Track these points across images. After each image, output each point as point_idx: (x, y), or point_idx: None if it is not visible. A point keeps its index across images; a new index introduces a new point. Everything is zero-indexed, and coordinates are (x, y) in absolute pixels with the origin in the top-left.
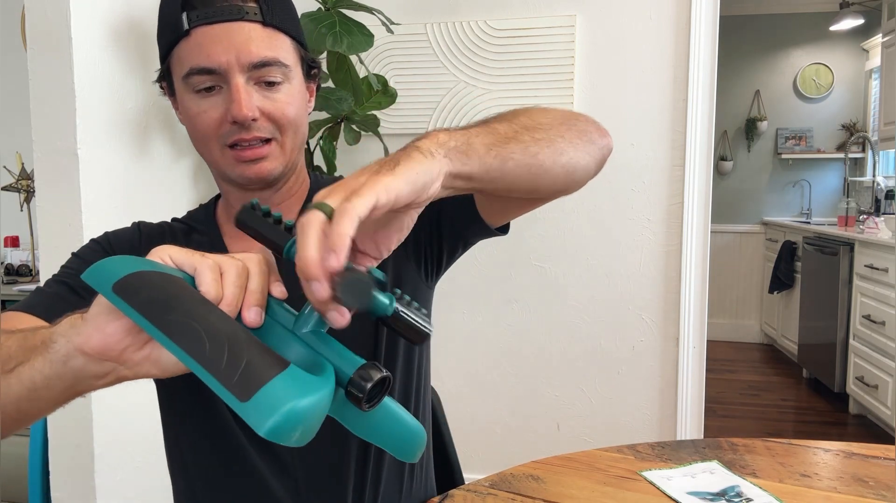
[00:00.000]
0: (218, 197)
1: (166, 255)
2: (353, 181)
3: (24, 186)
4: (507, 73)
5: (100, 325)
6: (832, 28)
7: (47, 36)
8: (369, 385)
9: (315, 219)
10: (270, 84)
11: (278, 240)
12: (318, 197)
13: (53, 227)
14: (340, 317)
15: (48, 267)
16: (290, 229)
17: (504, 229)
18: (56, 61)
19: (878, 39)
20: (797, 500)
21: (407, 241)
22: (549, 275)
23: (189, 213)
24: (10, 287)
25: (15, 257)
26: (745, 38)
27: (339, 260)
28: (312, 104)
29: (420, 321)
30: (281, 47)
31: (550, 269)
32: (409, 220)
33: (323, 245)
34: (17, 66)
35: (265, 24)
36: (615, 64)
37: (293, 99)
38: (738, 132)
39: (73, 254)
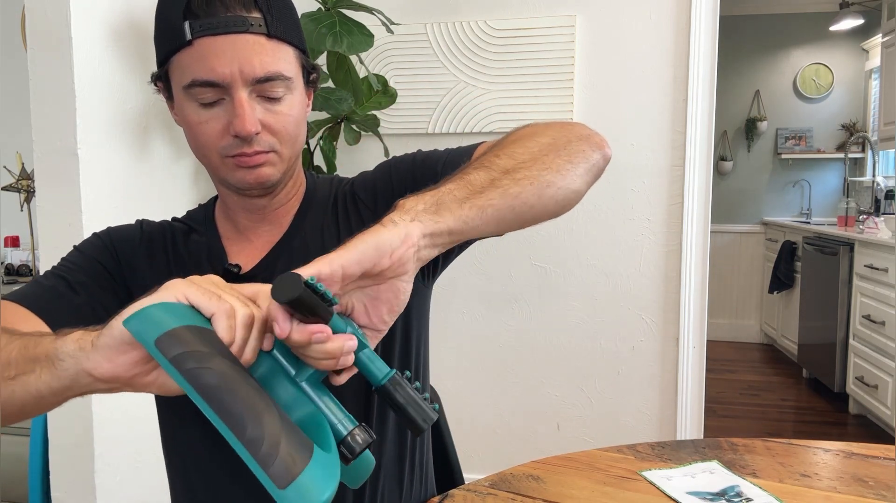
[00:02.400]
0: (216, 198)
1: (182, 295)
2: None
3: (24, 186)
4: (507, 73)
5: (110, 356)
6: (832, 28)
7: (47, 36)
8: (359, 449)
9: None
10: (273, 98)
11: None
12: None
13: (53, 227)
14: (337, 374)
15: (48, 267)
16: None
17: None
18: (56, 61)
19: (877, 39)
20: (797, 500)
21: None
22: (550, 276)
23: (188, 212)
24: (10, 287)
25: (15, 257)
26: (745, 38)
27: (259, 309)
28: (310, 108)
29: (415, 409)
30: (284, 59)
31: (550, 269)
32: (396, 292)
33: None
34: (17, 66)
35: (269, 35)
36: (615, 64)
37: (294, 111)
38: (738, 132)
39: (74, 247)
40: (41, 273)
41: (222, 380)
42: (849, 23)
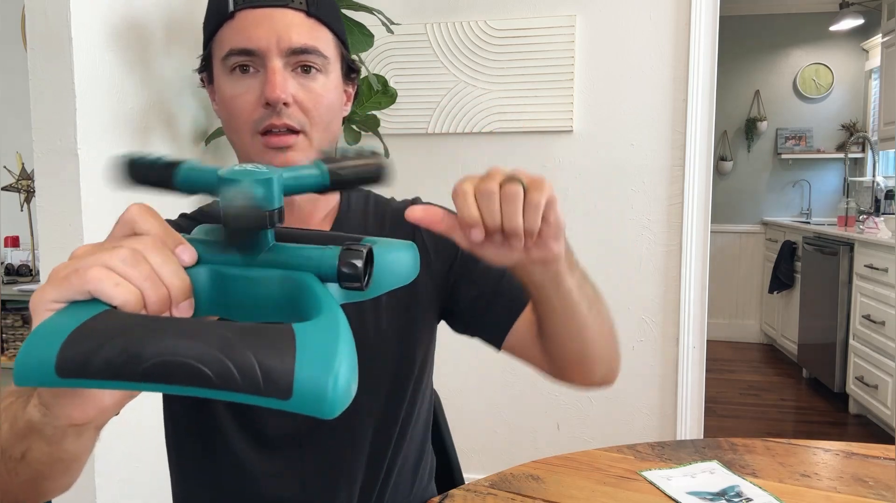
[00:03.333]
0: None
1: (48, 303)
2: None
3: (24, 186)
4: (507, 73)
5: (70, 402)
6: (832, 28)
7: (47, 36)
8: (360, 269)
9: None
10: (307, 70)
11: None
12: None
13: (53, 227)
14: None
15: (48, 267)
16: (175, 164)
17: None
18: (56, 61)
19: (877, 39)
20: (797, 500)
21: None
22: None
23: (200, 208)
24: (10, 287)
25: (15, 257)
26: (745, 38)
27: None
28: (349, 108)
29: (362, 170)
30: (322, 38)
31: None
32: (501, 256)
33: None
34: (17, 66)
35: (309, 14)
36: (615, 64)
37: (328, 92)
38: (738, 132)
39: None
40: (41, 274)
41: (144, 346)
42: (849, 23)
